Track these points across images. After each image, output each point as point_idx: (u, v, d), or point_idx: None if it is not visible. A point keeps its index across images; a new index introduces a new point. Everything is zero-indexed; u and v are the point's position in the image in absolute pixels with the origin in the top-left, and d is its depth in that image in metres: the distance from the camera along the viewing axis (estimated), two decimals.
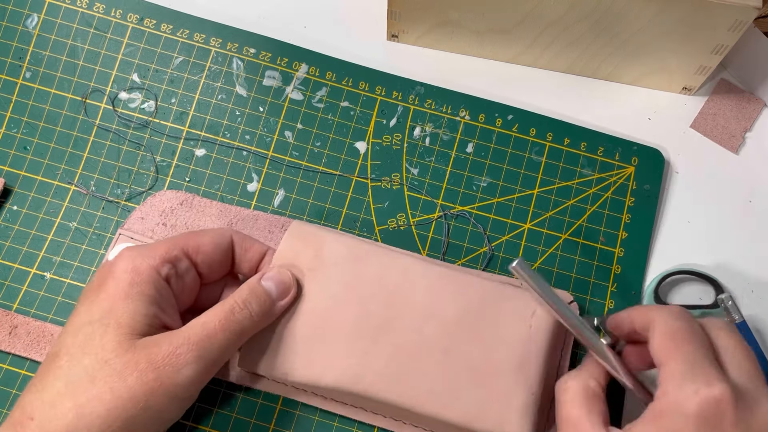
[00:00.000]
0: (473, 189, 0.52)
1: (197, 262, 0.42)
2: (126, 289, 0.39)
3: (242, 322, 0.40)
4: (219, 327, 0.39)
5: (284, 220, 0.50)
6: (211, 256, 0.43)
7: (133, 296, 0.39)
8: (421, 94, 0.54)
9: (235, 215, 0.50)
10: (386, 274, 0.44)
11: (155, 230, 0.49)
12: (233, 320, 0.40)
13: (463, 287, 0.45)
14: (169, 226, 0.49)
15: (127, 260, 0.40)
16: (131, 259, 0.40)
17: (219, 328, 0.39)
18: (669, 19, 0.48)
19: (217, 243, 0.43)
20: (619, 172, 0.53)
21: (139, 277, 0.39)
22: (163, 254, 0.41)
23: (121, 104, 0.53)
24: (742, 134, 0.55)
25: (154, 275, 0.40)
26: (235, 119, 0.53)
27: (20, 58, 0.53)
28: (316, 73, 0.54)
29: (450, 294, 0.44)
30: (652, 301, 0.50)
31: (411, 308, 0.44)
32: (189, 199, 0.50)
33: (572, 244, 0.51)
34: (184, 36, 0.54)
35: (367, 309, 0.43)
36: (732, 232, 0.52)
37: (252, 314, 0.40)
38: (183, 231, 0.49)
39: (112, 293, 0.39)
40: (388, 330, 0.43)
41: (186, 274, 0.42)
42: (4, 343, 0.46)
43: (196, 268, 0.43)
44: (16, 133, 0.52)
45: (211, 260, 0.43)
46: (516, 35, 0.52)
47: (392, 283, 0.44)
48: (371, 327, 0.43)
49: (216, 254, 0.43)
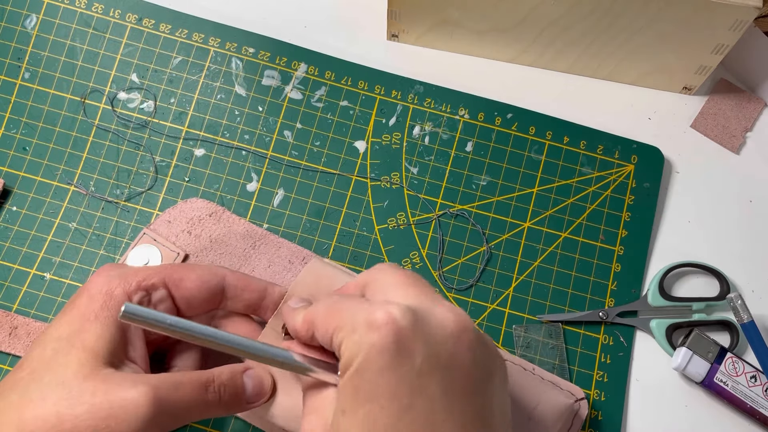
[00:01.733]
0: (473, 188, 0.52)
1: (175, 296, 0.41)
2: (96, 311, 0.38)
3: (209, 402, 0.38)
4: (189, 394, 0.37)
5: (306, 252, 0.49)
6: (193, 293, 0.41)
7: (102, 319, 0.38)
8: (420, 93, 0.53)
9: (260, 238, 0.49)
10: None
11: (179, 237, 0.49)
12: (203, 396, 0.38)
13: None
14: (193, 236, 0.49)
15: (103, 282, 0.39)
16: (107, 281, 0.39)
17: (188, 395, 0.37)
18: (669, 18, 0.47)
19: (204, 281, 0.41)
20: (619, 170, 0.53)
21: (111, 302, 0.38)
22: (140, 280, 0.40)
23: (120, 104, 0.52)
24: (742, 134, 0.55)
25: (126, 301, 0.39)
26: (234, 119, 0.52)
27: (19, 58, 0.53)
28: (315, 72, 0.54)
29: None
30: (656, 292, 0.50)
31: None
32: (219, 212, 0.50)
33: (572, 242, 0.51)
34: (182, 36, 0.54)
35: None
36: (732, 232, 0.52)
37: (221, 400, 0.39)
38: (206, 243, 0.49)
39: (83, 312, 0.38)
40: None
41: (159, 304, 0.40)
42: (4, 344, 0.47)
43: (173, 301, 0.41)
44: (15, 133, 0.52)
45: (191, 297, 0.41)
46: (516, 35, 0.52)
47: None
48: None
49: (199, 292, 0.41)
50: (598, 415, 0.48)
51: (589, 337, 0.49)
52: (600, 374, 0.49)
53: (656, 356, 0.49)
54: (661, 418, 0.48)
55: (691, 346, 0.47)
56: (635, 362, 0.49)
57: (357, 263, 0.50)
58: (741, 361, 0.47)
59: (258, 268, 0.48)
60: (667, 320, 0.49)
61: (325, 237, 0.50)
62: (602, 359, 0.49)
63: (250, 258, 0.49)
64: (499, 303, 0.50)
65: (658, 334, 0.49)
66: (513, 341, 0.49)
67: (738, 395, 0.47)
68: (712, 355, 0.47)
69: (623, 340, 0.49)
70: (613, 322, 0.49)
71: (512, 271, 0.50)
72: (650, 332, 0.49)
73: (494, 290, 0.50)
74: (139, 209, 0.50)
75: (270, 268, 0.49)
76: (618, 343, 0.49)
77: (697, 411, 0.49)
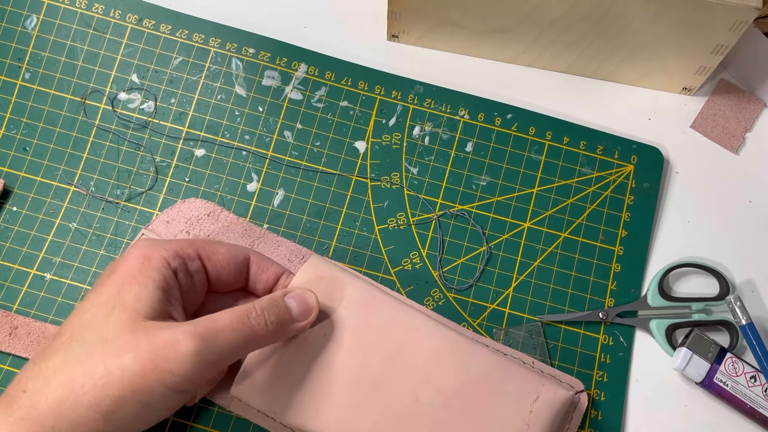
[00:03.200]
0: (473, 188, 0.52)
1: (208, 268, 0.42)
2: (134, 273, 0.39)
3: (254, 328, 0.39)
4: (229, 325, 0.38)
5: (305, 251, 0.49)
6: (224, 266, 0.42)
7: (141, 280, 0.39)
8: (420, 93, 0.53)
9: (259, 236, 0.50)
10: (394, 327, 0.43)
11: (178, 237, 0.49)
12: (246, 323, 0.39)
13: (470, 356, 0.43)
14: (192, 236, 0.49)
15: (140, 248, 0.40)
16: (144, 248, 0.40)
17: (229, 326, 0.38)
18: (669, 19, 0.48)
19: (232, 256, 0.43)
20: (619, 170, 0.53)
21: (149, 263, 0.39)
22: (177, 249, 0.41)
23: (120, 105, 0.52)
24: (742, 134, 0.55)
25: (164, 264, 0.40)
26: (235, 119, 0.53)
27: (19, 59, 0.53)
28: (315, 72, 0.54)
29: (454, 361, 0.43)
30: (656, 292, 0.50)
31: (412, 369, 0.43)
32: (217, 211, 0.50)
33: (572, 242, 0.51)
34: (183, 36, 0.54)
35: (367, 361, 0.42)
36: (731, 232, 0.52)
37: (267, 323, 0.39)
38: None
39: (120, 277, 0.39)
40: (384, 388, 0.42)
41: (195, 275, 0.42)
42: (5, 344, 0.47)
43: (206, 274, 0.42)
44: (16, 134, 0.52)
45: (222, 270, 0.42)
46: (516, 35, 0.52)
47: (398, 338, 0.43)
48: (368, 381, 0.42)
49: (229, 267, 0.43)
50: (598, 415, 0.48)
51: (588, 337, 0.49)
52: (600, 374, 0.49)
53: (656, 356, 0.49)
54: (660, 418, 0.48)
55: (691, 346, 0.47)
56: (635, 362, 0.49)
57: (357, 263, 0.50)
58: (741, 362, 0.47)
59: None
60: (666, 320, 0.49)
61: (325, 237, 0.51)
62: (602, 359, 0.49)
63: None
64: (499, 303, 0.50)
65: (658, 334, 0.49)
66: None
67: (738, 395, 0.47)
68: (712, 355, 0.47)
69: (623, 340, 0.49)
70: (613, 322, 0.50)
71: (512, 271, 0.50)
72: (650, 332, 0.50)
73: (494, 290, 0.50)
74: (139, 209, 0.51)
75: None
76: (618, 343, 0.49)
77: (697, 411, 0.49)
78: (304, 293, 0.42)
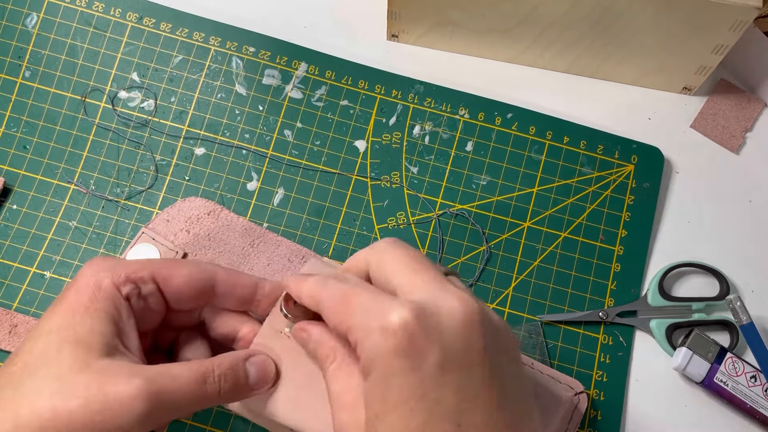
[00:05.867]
0: (473, 187, 0.52)
1: (164, 291, 0.41)
2: (85, 303, 0.38)
3: (207, 393, 0.38)
4: (185, 387, 0.37)
5: (306, 251, 0.49)
6: (182, 288, 0.41)
7: (92, 312, 0.37)
8: (420, 92, 0.53)
9: (259, 236, 0.49)
10: None
11: (178, 236, 0.49)
12: (202, 390, 0.37)
13: None
14: (192, 234, 0.49)
15: (89, 274, 0.39)
16: (95, 273, 0.39)
17: (185, 387, 0.37)
18: (669, 19, 0.48)
19: (193, 278, 0.41)
20: (619, 170, 0.53)
21: (99, 293, 0.38)
22: (129, 273, 0.39)
23: (120, 103, 0.52)
24: (742, 134, 0.55)
25: (115, 293, 0.38)
26: (235, 118, 0.53)
27: (19, 57, 0.53)
28: (315, 71, 0.54)
29: None
30: (656, 292, 0.50)
31: None
32: (217, 210, 0.50)
33: (572, 242, 0.51)
34: (183, 35, 0.54)
35: None
36: (732, 232, 0.52)
37: (221, 391, 0.38)
38: (205, 242, 0.49)
39: (72, 305, 0.38)
40: None
41: (149, 297, 0.40)
42: (4, 341, 0.47)
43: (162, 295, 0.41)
44: (16, 132, 0.52)
45: (180, 293, 0.41)
46: (516, 35, 0.52)
47: None
48: None
49: (188, 289, 0.41)
50: (597, 415, 0.48)
51: (588, 336, 0.49)
52: (599, 374, 0.49)
53: (656, 356, 0.49)
54: (660, 418, 0.48)
55: (691, 346, 0.47)
56: (635, 362, 0.49)
57: None
58: (741, 361, 0.47)
59: (257, 266, 0.48)
60: (666, 320, 0.49)
61: (325, 236, 0.51)
62: (602, 359, 0.49)
63: (248, 256, 0.49)
64: (499, 303, 0.50)
65: (658, 334, 0.49)
66: None
67: (738, 395, 0.47)
68: (712, 355, 0.47)
69: (623, 340, 0.49)
70: (613, 322, 0.49)
71: (512, 271, 0.50)
72: (650, 332, 0.49)
73: (494, 290, 0.50)
74: (139, 208, 0.51)
75: (269, 266, 0.49)
76: (618, 343, 0.49)
77: (697, 411, 0.49)
78: (266, 362, 0.40)
